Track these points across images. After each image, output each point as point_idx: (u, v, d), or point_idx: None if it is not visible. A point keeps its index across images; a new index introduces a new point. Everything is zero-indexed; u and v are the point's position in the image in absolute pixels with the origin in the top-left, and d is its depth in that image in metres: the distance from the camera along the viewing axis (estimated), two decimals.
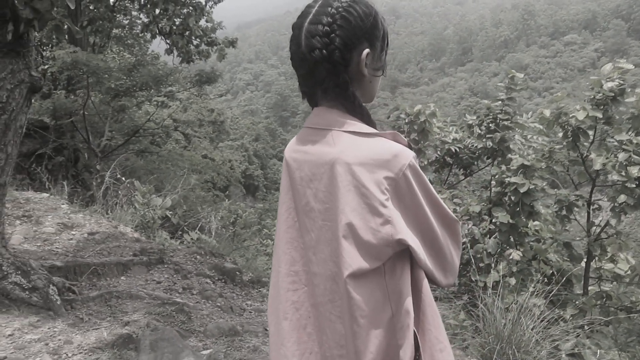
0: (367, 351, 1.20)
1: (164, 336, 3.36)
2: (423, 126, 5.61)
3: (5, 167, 3.59)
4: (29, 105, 3.69)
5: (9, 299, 3.62)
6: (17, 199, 6.32)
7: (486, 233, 5.50)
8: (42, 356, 3.06)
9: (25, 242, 5.12)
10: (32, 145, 11.61)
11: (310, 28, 1.26)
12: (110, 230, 6.13)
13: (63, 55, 10.26)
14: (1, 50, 3.46)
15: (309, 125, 1.35)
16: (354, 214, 1.19)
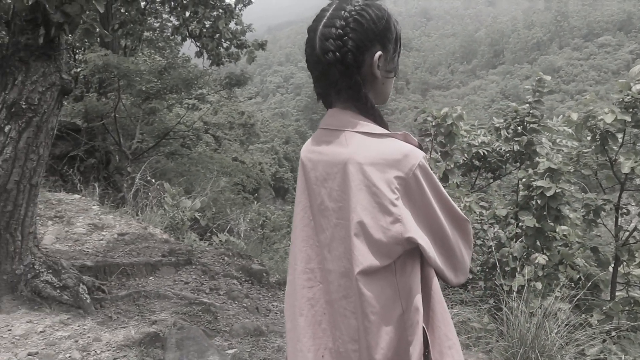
0: (378, 347, 1.23)
1: (189, 335, 3.39)
2: (450, 129, 5.55)
3: (37, 168, 3.67)
4: (59, 108, 3.77)
5: (40, 297, 3.71)
6: (50, 200, 6.47)
7: (512, 237, 5.42)
8: (72, 353, 3.11)
9: (57, 242, 5.23)
10: (65, 147, 11.86)
11: (324, 31, 1.30)
12: (139, 231, 6.22)
13: (94, 58, 10.47)
14: (33, 54, 3.54)
15: (324, 126, 1.38)
16: (365, 213, 1.22)
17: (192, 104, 17.33)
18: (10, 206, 3.58)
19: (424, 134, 5.83)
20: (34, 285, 3.70)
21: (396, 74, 1.40)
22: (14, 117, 3.52)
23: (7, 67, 3.57)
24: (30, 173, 3.63)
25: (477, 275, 6.03)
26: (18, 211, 3.63)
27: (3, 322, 3.42)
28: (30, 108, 3.54)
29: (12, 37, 3.62)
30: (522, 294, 4.24)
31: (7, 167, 3.53)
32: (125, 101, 12.85)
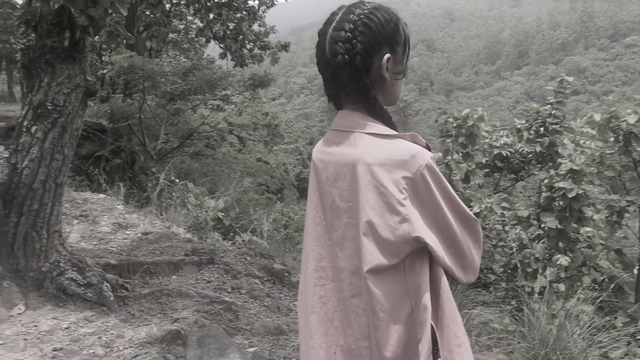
0: (388, 344, 1.25)
1: (210, 333, 3.43)
2: (471, 130, 5.52)
3: (62, 168, 3.75)
4: (84, 109, 3.85)
5: (66, 294, 3.79)
6: (76, 199, 6.59)
7: (534, 238, 5.37)
8: (95, 349, 3.18)
9: (82, 241, 5.33)
10: (91, 147, 12.07)
11: (333, 34, 1.32)
12: (163, 231, 6.30)
13: (120, 60, 10.65)
14: (59, 56, 3.62)
15: (334, 127, 1.41)
16: (374, 212, 1.25)
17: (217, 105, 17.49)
18: (37, 205, 3.67)
19: (445, 135, 5.81)
20: (59, 283, 3.78)
21: (404, 76, 1.42)
22: (40, 118, 3.61)
23: (33, 70, 3.66)
24: (55, 172, 3.72)
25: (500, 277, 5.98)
26: (44, 210, 3.72)
27: (30, 318, 3.51)
28: (56, 109, 3.62)
29: (38, 40, 3.71)
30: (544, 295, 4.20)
31: (34, 166, 3.62)
32: (150, 102, 13.03)
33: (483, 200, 5.50)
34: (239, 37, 13.96)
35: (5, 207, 3.66)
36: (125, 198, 8.35)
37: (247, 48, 14.66)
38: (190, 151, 15.78)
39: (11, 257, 3.70)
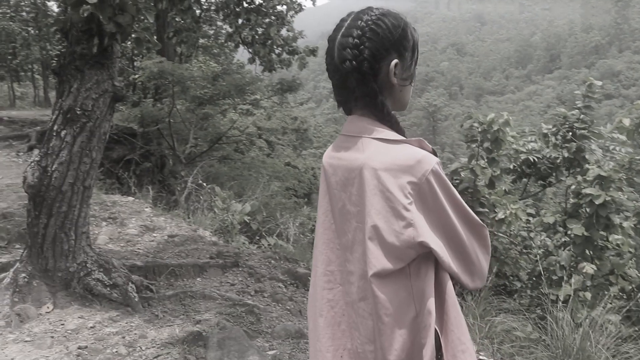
0: (392, 348, 1.26)
1: (231, 335, 3.47)
2: (496, 135, 5.46)
3: (90, 171, 3.85)
4: (112, 114, 3.94)
5: (92, 294, 3.88)
6: (105, 202, 6.74)
7: (560, 245, 5.29)
8: (119, 348, 3.25)
9: (110, 242, 5.45)
10: (122, 151, 12.30)
11: (342, 41, 1.35)
12: (189, 234, 6.39)
13: (150, 65, 10.84)
14: (88, 63, 3.72)
15: (344, 132, 1.43)
16: (379, 217, 1.26)
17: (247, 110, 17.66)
18: (65, 207, 3.77)
19: (470, 140, 5.77)
20: (86, 283, 3.88)
21: (412, 82, 1.42)
22: (69, 122, 3.71)
23: (64, 76, 3.76)
24: (83, 175, 3.81)
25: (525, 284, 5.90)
26: (72, 212, 3.81)
27: (57, 317, 3.60)
28: (84, 114, 3.72)
29: (69, 47, 3.81)
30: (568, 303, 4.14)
31: (63, 169, 3.72)
32: (179, 107, 13.23)
33: (508, 206, 5.44)
34: (267, 42, 14.03)
35: (35, 208, 3.77)
36: (153, 201, 8.48)
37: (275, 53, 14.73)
38: (219, 155, 15.95)
39: (41, 257, 3.81)
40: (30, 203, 3.80)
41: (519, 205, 5.39)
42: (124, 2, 3.57)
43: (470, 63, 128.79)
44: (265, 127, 23.55)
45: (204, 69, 12.69)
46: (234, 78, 13.13)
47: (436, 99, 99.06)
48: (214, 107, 14.21)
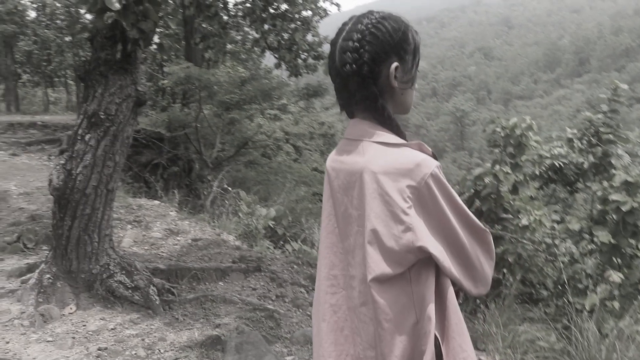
0: (392, 354, 1.25)
1: (249, 339, 3.48)
2: (519, 140, 5.38)
3: (114, 174, 3.90)
4: (135, 118, 4.00)
5: (114, 296, 3.93)
6: (131, 205, 6.83)
7: (586, 253, 5.17)
8: (138, 350, 3.28)
9: (135, 245, 5.52)
10: (150, 155, 12.48)
11: (342, 44, 1.35)
12: (213, 238, 6.43)
13: (177, 71, 10.98)
14: (112, 68, 3.79)
15: (346, 136, 1.43)
16: (378, 221, 1.25)
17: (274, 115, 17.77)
18: (89, 209, 3.83)
19: (493, 145, 5.69)
20: (108, 285, 3.93)
21: (413, 84, 1.41)
22: (93, 126, 3.77)
23: (89, 81, 3.84)
24: (107, 179, 3.87)
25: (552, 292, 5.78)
26: (95, 214, 3.88)
27: (79, 318, 3.66)
28: (108, 118, 3.78)
29: (94, 53, 3.89)
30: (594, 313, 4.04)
31: (87, 172, 3.78)
32: (206, 112, 13.37)
33: (532, 212, 5.35)
34: (292, 47, 14.17)
35: (60, 210, 3.84)
36: (179, 205, 8.57)
37: (301, 58, 14.85)
38: (245, 160, 16.05)
39: (65, 258, 3.88)
40: (56, 205, 3.88)
41: (544, 212, 5.29)
42: (146, 9, 3.62)
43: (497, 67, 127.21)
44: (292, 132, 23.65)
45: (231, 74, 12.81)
46: (260, 83, 13.21)
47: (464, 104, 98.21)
48: (240, 112, 14.33)
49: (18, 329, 3.40)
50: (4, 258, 4.81)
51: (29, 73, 29.51)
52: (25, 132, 14.54)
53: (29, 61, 27.42)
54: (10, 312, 3.60)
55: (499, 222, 5.38)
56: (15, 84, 27.90)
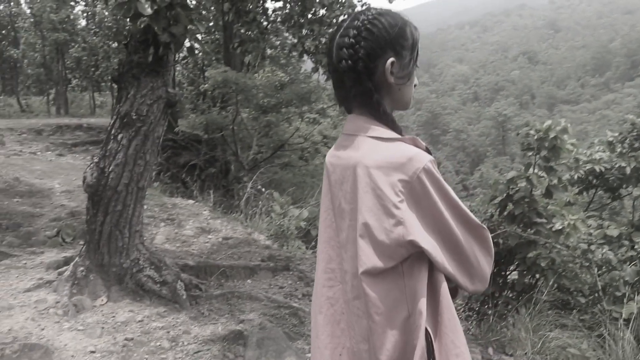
0: (384, 348, 1.26)
1: (270, 335, 3.57)
2: (554, 143, 5.30)
3: (144, 173, 4.06)
4: (165, 119, 4.15)
5: (143, 290, 4.08)
6: (166, 204, 7.03)
7: (625, 260, 5.06)
8: (162, 342, 3.41)
9: (167, 242, 5.70)
10: (188, 156, 12.78)
11: (339, 41, 1.37)
12: (243, 237, 6.56)
13: (215, 75, 11.22)
14: (144, 71, 3.95)
15: (344, 131, 1.44)
16: (370, 215, 1.26)
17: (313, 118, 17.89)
18: (120, 206, 4.00)
19: (526, 148, 5.63)
20: (137, 279, 4.09)
21: (410, 79, 1.40)
22: (125, 126, 3.94)
23: (122, 83, 4.01)
24: (137, 177, 4.03)
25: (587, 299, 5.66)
26: (126, 211, 4.04)
27: (109, 309, 3.82)
28: (140, 118, 3.94)
29: (128, 56, 4.06)
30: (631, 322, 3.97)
31: (119, 170, 3.95)
32: (244, 115, 13.60)
33: (566, 217, 5.27)
34: None
35: (93, 207, 4.02)
36: (213, 205, 8.76)
37: None
38: (281, 162, 16.23)
39: (97, 252, 4.06)
40: (89, 202, 4.06)
41: (579, 216, 5.20)
42: (177, 14, 3.76)
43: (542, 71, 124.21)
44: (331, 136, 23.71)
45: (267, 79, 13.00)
46: (297, 87, 13.35)
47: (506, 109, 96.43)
48: (277, 115, 14.51)
49: (52, 317, 3.58)
50: (44, 251, 5.05)
51: (78, 78, 30.75)
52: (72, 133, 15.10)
53: (78, 67, 28.55)
54: (46, 301, 3.78)
55: (532, 227, 5.32)
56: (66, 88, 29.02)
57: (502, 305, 4.99)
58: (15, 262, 4.66)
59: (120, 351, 3.24)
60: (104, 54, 26.34)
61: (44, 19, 25.58)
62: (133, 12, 3.62)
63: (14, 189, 7.03)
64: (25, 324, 3.42)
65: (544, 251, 5.21)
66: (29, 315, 3.55)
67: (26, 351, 3.00)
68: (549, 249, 5.22)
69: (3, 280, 4.23)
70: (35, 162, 9.87)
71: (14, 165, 9.00)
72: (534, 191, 5.43)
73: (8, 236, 5.25)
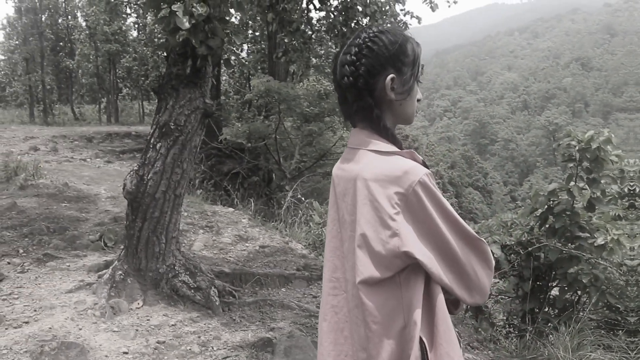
0: (380, 357, 1.30)
1: (298, 344, 3.60)
2: (596, 154, 5.14)
3: (181, 181, 4.18)
4: (202, 129, 4.27)
5: (177, 295, 4.20)
6: (206, 212, 7.19)
7: None
8: (192, 346, 3.50)
9: (204, 249, 5.82)
10: (231, 165, 13.01)
11: (342, 58, 1.43)
12: (280, 245, 6.63)
13: (258, 84, 11.41)
14: (182, 82, 4.08)
15: (348, 144, 1.50)
16: (368, 226, 1.31)
17: None
18: (157, 213, 4.13)
19: (567, 159, 5.49)
20: (173, 284, 4.21)
21: (410, 94, 1.44)
22: (164, 136, 4.08)
23: (161, 94, 4.15)
24: (175, 185, 4.16)
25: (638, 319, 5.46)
26: (163, 217, 4.17)
27: (145, 313, 3.95)
28: (177, 128, 4.07)
29: (168, 68, 4.21)
30: None
31: (157, 178, 4.08)
32: (287, 124, 13.75)
33: (610, 231, 5.10)
34: None
35: (132, 213, 4.17)
36: (253, 213, 8.89)
37: None
38: (323, 171, 16.29)
39: (135, 257, 4.20)
40: (129, 208, 4.21)
41: (624, 231, 5.02)
42: (214, 27, 3.88)
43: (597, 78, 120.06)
44: None
45: (309, 88, 13.12)
46: None
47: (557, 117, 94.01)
48: (320, 124, 14.61)
49: (90, 318, 3.72)
50: (87, 254, 5.25)
51: (129, 87, 31.81)
52: (121, 141, 15.63)
53: (129, 76, 29.60)
54: (85, 302, 3.94)
55: (573, 241, 5.17)
56: (116, 97, 30.08)
57: (542, 323, 4.86)
58: (60, 264, 4.87)
59: (151, 353, 3.34)
60: (153, 63, 27.21)
61: (97, 31, 26.68)
62: (172, 26, 3.75)
63: (63, 194, 7.34)
64: (65, 324, 3.58)
65: (586, 267, 5.05)
66: (68, 315, 3.71)
67: (63, 349, 3.14)
68: (592, 264, 5.05)
69: (47, 281, 4.43)
70: (85, 169, 10.27)
71: (65, 171, 9.39)
72: (575, 204, 5.28)
73: (55, 239, 5.48)
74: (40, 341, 3.26)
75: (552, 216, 5.29)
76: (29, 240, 5.45)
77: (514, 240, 5.22)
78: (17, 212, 6.29)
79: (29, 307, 3.87)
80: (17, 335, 3.35)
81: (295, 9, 9.50)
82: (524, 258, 5.05)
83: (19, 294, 4.15)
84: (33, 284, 4.39)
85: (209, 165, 12.87)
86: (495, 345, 4.67)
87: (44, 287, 4.32)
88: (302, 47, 13.35)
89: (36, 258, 4.99)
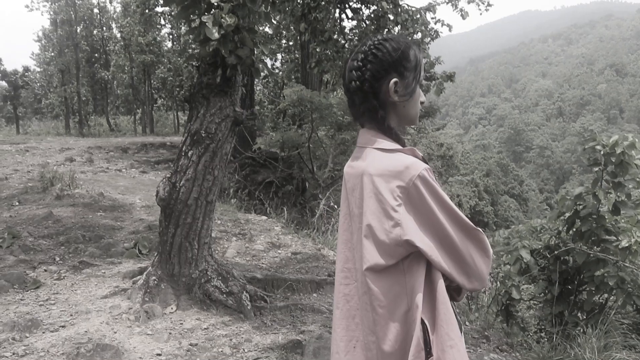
0: (387, 338, 1.41)
1: (326, 345, 3.63)
2: (621, 158, 5.09)
3: (212, 188, 4.28)
4: (233, 136, 4.37)
5: (210, 299, 4.28)
6: (239, 219, 7.29)
7: None
8: (224, 348, 3.57)
9: (237, 256, 5.91)
10: (266, 174, 13.13)
11: (350, 64, 1.56)
12: (312, 252, 6.68)
13: (290, 93, 11.54)
14: (213, 91, 4.19)
15: (357, 143, 1.62)
16: (373, 217, 1.43)
17: None
18: (190, 219, 4.23)
19: (593, 164, 5.43)
20: (205, 289, 4.30)
21: (412, 96, 1.55)
22: (195, 143, 4.18)
23: (193, 103, 4.27)
24: (206, 191, 4.26)
25: None
26: (196, 223, 4.27)
27: (178, 317, 4.04)
28: (209, 136, 4.18)
29: (199, 78, 4.32)
30: None
31: (189, 185, 4.19)
32: (320, 133, 13.84)
33: (633, 234, 5.04)
34: None
35: (165, 219, 4.28)
36: (287, 221, 8.97)
37: None
38: None
39: (168, 263, 4.31)
40: (162, 214, 4.32)
41: None
42: (243, 37, 3.98)
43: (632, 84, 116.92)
44: None
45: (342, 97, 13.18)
46: None
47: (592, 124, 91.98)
48: (351, 132, 14.66)
49: (125, 322, 3.83)
50: (122, 261, 5.39)
51: (163, 98, 32.32)
52: (156, 151, 15.94)
53: (164, 87, 30.08)
54: (120, 307, 4.06)
55: (600, 244, 5.13)
56: (151, 108, 30.61)
57: (570, 326, 4.83)
58: (95, 271, 5.02)
59: (184, 355, 3.42)
60: (188, 74, 27.65)
61: (132, 42, 27.26)
62: (202, 36, 3.86)
63: (99, 203, 7.54)
64: (100, 327, 3.69)
65: (613, 269, 5.01)
66: (104, 320, 3.82)
67: (99, 351, 3.24)
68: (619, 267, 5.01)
69: (83, 288, 4.58)
70: (120, 179, 10.52)
71: (100, 181, 9.65)
72: (600, 207, 5.23)
73: (90, 247, 5.65)
74: (76, 344, 3.38)
75: (579, 220, 5.28)
76: (65, 248, 5.63)
77: (542, 245, 5.24)
78: (53, 221, 6.50)
79: (65, 312, 4.01)
80: (54, 339, 3.47)
81: (328, 19, 9.61)
82: (552, 262, 5.05)
83: (55, 299, 4.29)
84: (69, 290, 4.53)
85: (243, 175, 13.02)
86: (525, 349, 4.65)
87: (79, 293, 4.46)
88: (335, 56, 13.45)
89: (72, 265, 5.15)
